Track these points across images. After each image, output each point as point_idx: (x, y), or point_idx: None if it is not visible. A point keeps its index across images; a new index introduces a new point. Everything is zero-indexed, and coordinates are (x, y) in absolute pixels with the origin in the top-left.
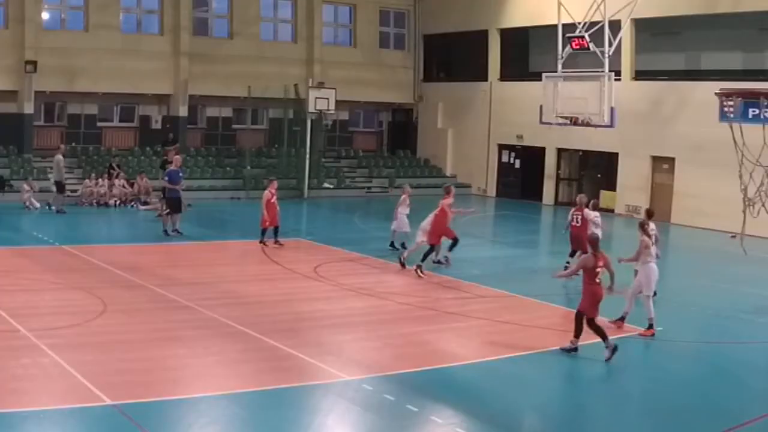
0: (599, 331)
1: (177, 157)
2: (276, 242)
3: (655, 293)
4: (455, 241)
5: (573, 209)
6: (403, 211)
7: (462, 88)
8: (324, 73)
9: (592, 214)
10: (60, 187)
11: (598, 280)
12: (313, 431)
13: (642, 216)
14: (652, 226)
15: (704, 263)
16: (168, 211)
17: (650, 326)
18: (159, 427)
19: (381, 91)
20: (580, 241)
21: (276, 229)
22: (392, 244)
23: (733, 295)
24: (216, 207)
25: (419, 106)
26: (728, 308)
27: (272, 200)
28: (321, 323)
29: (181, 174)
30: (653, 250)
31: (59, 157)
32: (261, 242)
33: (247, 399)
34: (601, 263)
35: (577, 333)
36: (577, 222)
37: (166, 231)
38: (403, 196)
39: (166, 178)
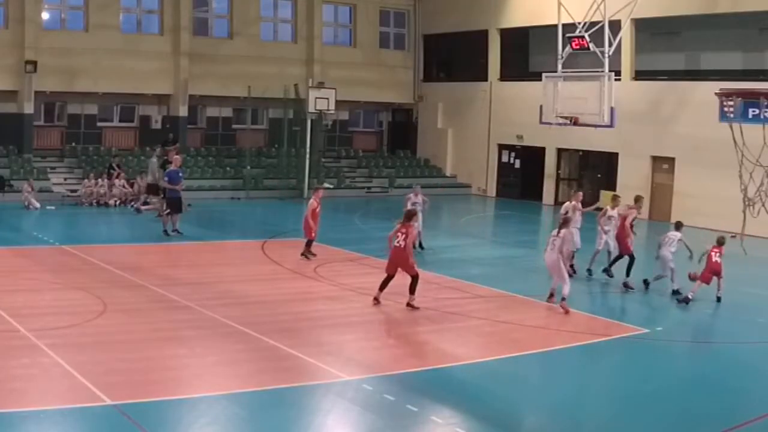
0: None
1: (177, 157)
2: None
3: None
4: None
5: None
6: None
7: (462, 88)
8: (324, 73)
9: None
10: (153, 189)
11: None
12: (313, 431)
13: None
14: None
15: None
16: (168, 211)
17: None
18: (159, 427)
19: (381, 91)
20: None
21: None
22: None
23: (733, 295)
24: (216, 207)
25: (419, 106)
26: (728, 308)
27: (317, 209)
28: (321, 323)
29: (181, 174)
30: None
31: (153, 159)
32: (306, 255)
33: (247, 399)
34: None
35: None
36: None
37: (166, 231)
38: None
39: (166, 179)
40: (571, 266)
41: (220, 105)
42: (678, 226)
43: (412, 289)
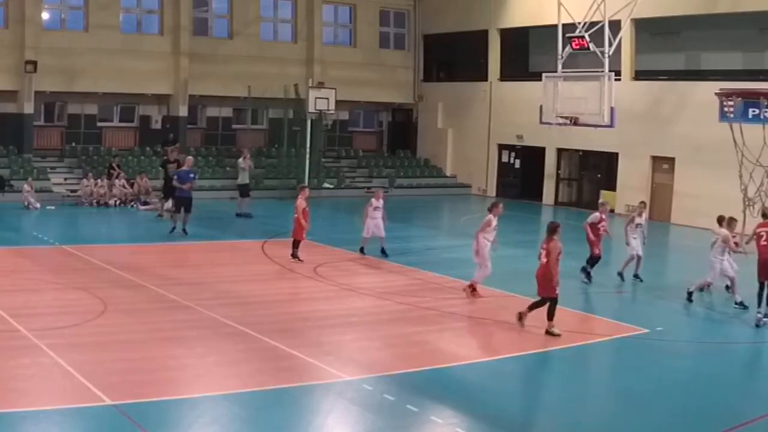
0: None
1: (189, 158)
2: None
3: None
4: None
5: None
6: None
7: (462, 88)
8: (324, 73)
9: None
10: (244, 190)
11: None
12: (313, 431)
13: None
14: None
15: (704, 263)
16: (175, 209)
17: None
18: (159, 427)
19: (381, 91)
20: None
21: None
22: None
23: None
24: (216, 207)
25: (419, 106)
26: (729, 308)
27: (307, 209)
28: (321, 323)
29: (192, 175)
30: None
31: (242, 160)
32: (296, 256)
33: (247, 399)
34: None
35: None
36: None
37: (174, 229)
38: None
39: (176, 177)
40: (588, 274)
41: (220, 105)
42: (721, 221)
43: (550, 315)
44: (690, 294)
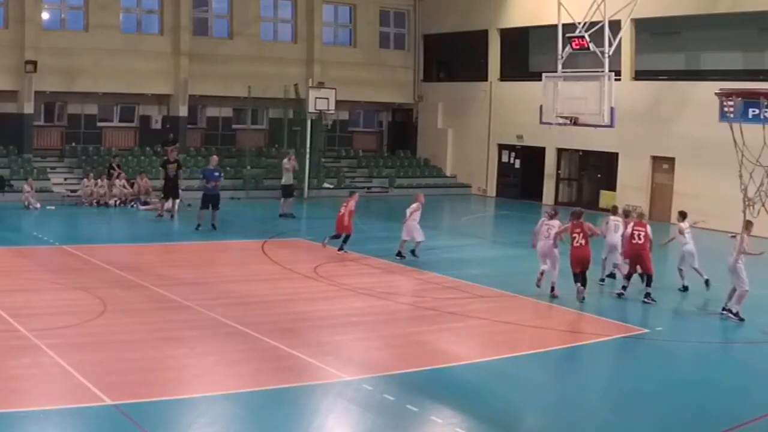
0: None
1: (214, 157)
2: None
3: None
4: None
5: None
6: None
7: (462, 88)
8: (324, 73)
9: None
10: (287, 191)
11: None
12: (313, 431)
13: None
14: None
15: (704, 263)
16: (202, 206)
17: None
18: (158, 427)
19: (381, 91)
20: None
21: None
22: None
23: None
24: None
25: (419, 106)
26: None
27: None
28: (321, 323)
29: (216, 174)
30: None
31: (286, 161)
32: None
33: (247, 399)
34: None
35: None
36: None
37: (199, 226)
38: (416, 204)
39: (201, 176)
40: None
41: (220, 105)
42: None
43: (584, 282)
44: (737, 314)
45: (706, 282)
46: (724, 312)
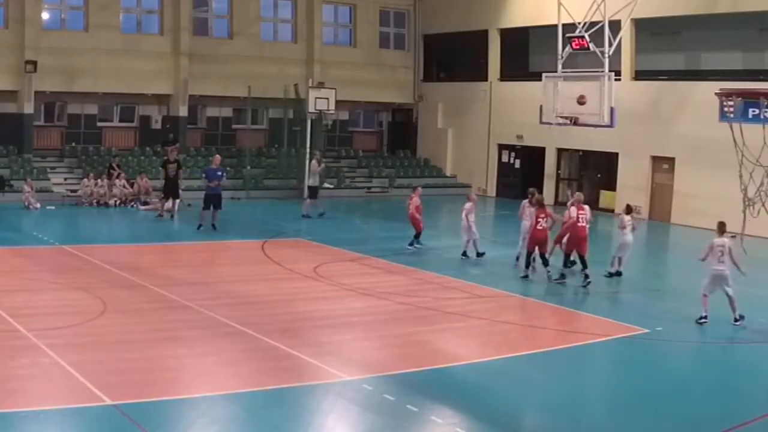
0: None
1: (217, 156)
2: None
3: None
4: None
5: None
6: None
7: (462, 88)
8: (324, 73)
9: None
10: (313, 192)
11: None
12: (313, 431)
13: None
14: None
15: (704, 263)
16: (204, 206)
17: None
18: (159, 427)
19: (381, 91)
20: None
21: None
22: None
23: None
24: None
25: (419, 106)
26: (728, 308)
27: (420, 206)
28: (321, 323)
29: (219, 173)
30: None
31: (314, 162)
32: (416, 244)
33: (247, 399)
34: None
35: None
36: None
37: (200, 226)
38: (470, 204)
39: (204, 175)
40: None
41: (220, 105)
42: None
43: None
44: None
45: (610, 274)
46: (737, 323)
